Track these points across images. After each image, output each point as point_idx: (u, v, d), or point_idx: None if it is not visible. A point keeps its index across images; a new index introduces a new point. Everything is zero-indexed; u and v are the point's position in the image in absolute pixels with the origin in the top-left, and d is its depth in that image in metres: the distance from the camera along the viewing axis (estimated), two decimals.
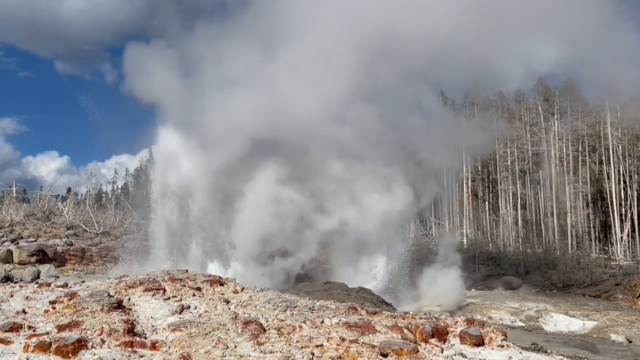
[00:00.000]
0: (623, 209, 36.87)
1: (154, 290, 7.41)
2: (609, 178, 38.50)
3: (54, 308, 6.56)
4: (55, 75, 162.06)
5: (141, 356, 5.26)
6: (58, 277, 17.30)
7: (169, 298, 7.26)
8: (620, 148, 38.42)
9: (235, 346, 5.43)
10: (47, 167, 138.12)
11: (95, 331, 5.56)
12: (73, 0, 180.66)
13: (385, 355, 5.40)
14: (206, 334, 5.65)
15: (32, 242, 20.39)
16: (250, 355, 5.29)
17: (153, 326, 6.21)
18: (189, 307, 6.96)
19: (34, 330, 5.69)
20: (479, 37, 22.10)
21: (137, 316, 6.49)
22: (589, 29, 20.68)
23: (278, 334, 5.80)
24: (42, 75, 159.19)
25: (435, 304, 18.06)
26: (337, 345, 5.50)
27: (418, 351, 5.65)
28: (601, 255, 33.40)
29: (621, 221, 35.92)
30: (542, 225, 40.47)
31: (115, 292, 7.38)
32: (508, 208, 43.01)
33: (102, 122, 29.89)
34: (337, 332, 5.85)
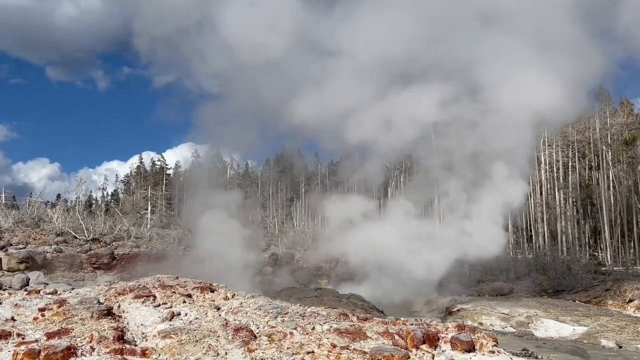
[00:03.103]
0: (613, 215, 37.05)
1: (144, 297, 7.37)
2: (598, 184, 38.72)
3: (43, 315, 6.51)
4: (47, 82, 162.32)
5: None
6: (47, 284, 17.18)
7: (159, 305, 7.23)
8: (609, 154, 38.65)
9: (226, 353, 5.41)
10: (38, 173, 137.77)
11: (84, 338, 5.53)
12: (65, 8, 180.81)
13: None
14: (197, 341, 5.62)
15: (21, 248, 20.21)
16: None
17: (143, 333, 6.19)
18: (179, 313, 6.93)
19: (23, 338, 5.65)
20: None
21: (127, 323, 6.46)
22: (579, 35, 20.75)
23: (269, 340, 5.78)
24: (34, 82, 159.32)
25: None
26: (328, 351, 5.49)
27: (409, 357, 5.65)
28: (591, 261, 33.53)
29: (611, 227, 36.07)
30: (532, 230, 40.60)
31: (105, 299, 7.34)
32: None
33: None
34: (328, 338, 5.85)
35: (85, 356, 5.20)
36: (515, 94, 19.75)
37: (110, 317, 6.36)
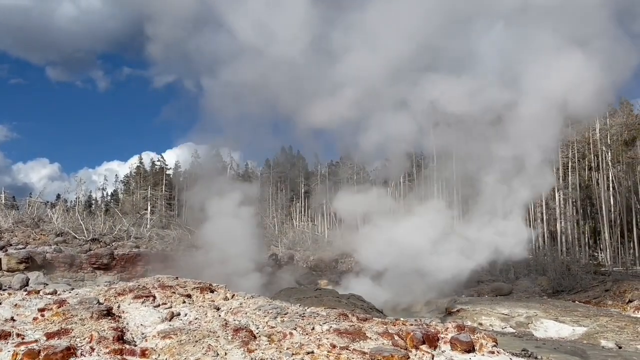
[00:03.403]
0: (612, 215, 37.07)
1: (144, 297, 7.37)
2: (598, 184, 38.74)
3: (42, 315, 6.51)
4: (47, 82, 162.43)
5: None
6: (47, 284, 17.18)
7: (158, 305, 7.23)
8: (609, 154, 38.65)
9: (226, 353, 5.40)
10: (38, 174, 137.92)
11: (84, 339, 5.52)
12: (65, 8, 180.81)
13: None
14: (196, 341, 5.62)
15: (20, 249, 20.20)
16: None
17: (143, 333, 6.18)
18: (179, 314, 6.92)
19: (23, 338, 5.64)
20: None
21: (127, 323, 6.46)
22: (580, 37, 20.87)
23: (269, 341, 5.78)
24: (34, 82, 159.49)
25: None
26: (328, 352, 5.49)
27: (409, 357, 5.65)
28: (591, 261, 33.54)
29: (610, 227, 36.10)
30: (532, 231, 40.63)
31: (105, 300, 7.34)
32: None
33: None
34: (327, 338, 5.85)
35: (84, 356, 5.20)
36: (545, 85, 19.86)
37: (109, 317, 6.36)
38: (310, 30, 22.20)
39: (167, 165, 63.27)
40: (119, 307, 7.07)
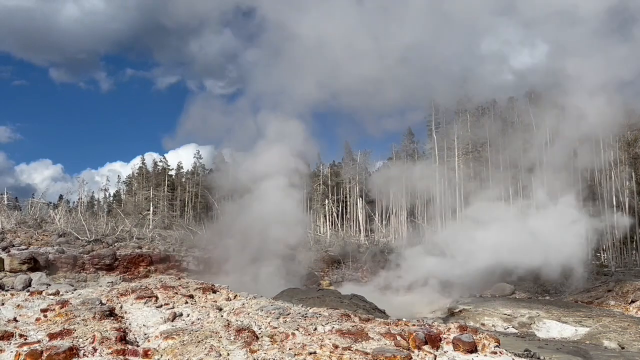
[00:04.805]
0: (615, 216, 36.97)
1: (146, 298, 7.38)
2: (600, 184, 38.64)
3: (45, 316, 6.52)
4: (50, 84, 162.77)
5: None
6: (50, 285, 17.19)
7: (161, 306, 7.24)
8: (612, 154, 38.56)
9: (228, 354, 5.41)
10: (41, 174, 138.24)
11: (87, 339, 5.53)
12: (68, 9, 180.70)
13: None
14: (199, 342, 5.63)
15: (23, 249, 20.23)
16: None
17: (145, 334, 6.19)
18: (181, 314, 6.93)
19: (25, 339, 5.65)
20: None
21: (129, 324, 6.46)
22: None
23: (271, 341, 5.78)
24: (37, 84, 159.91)
25: None
26: (330, 352, 5.49)
27: (411, 358, 5.65)
28: (593, 262, 33.47)
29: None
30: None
31: (107, 300, 7.35)
32: None
33: None
34: (330, 339, 5.84)
35: (87, 357, 5.21)
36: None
37: (112, 317, 6.37)
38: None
39: (169, 166, 63.32)
40: (121, 307, 7.08)
